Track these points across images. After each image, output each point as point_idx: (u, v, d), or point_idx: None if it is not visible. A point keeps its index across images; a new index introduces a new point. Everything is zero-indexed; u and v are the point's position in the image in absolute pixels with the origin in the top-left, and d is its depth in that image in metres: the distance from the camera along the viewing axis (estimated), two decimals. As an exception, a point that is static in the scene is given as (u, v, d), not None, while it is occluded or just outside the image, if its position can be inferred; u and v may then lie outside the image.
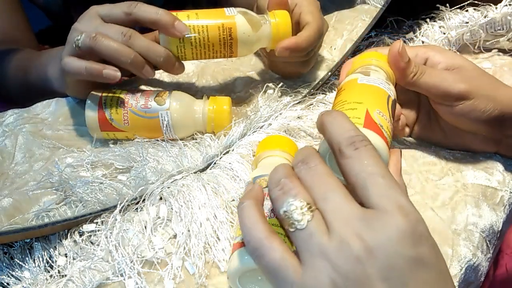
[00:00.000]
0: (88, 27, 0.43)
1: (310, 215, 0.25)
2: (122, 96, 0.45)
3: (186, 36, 0.43)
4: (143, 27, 0.44)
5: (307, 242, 0.25)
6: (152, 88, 0.53)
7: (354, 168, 0.26)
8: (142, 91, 0.46)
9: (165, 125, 0.44)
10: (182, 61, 0.46)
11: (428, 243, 0.24)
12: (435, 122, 0.44)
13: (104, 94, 0.45)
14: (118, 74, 0.42)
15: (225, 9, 0.45)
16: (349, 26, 0.62)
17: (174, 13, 0.44)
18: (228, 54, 0.46)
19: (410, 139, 0.47)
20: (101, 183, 0.42)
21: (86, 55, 0.42)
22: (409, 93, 0.43)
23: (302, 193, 0.26)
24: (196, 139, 0.47)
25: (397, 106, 0.40)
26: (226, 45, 0.45)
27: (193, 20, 0.44)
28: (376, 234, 0.24)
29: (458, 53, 0.58)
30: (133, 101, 0.44)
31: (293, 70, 0.53)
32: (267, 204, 0.33)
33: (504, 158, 0.44)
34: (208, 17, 0.44)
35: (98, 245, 0.37)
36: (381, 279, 0.23)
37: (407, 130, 0.45)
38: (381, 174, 0.25)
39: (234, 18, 0.44)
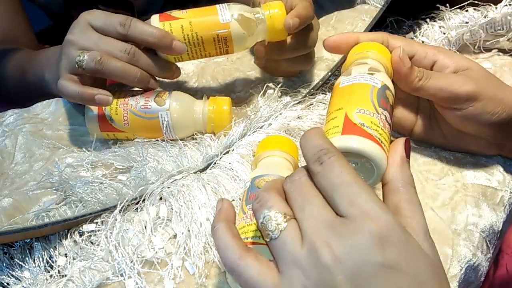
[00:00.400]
0: (85, 41, 0.42)
1: (284, 225, 0.26)
2: (122, 96, 0.45)
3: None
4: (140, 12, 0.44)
5: (280, 251, 0.25)
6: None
7: (322, 182, 0.26)
8: (142, 91, 0.46)
9: (165, 126, 0.44)
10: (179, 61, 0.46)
11: (399, 247, 0.24)
12: (435, 126, 0.43)
13: None
14: (110, 99, 0.42)
15: (218, 11, 0.44)
16: (349, 26, 0.62)
17: (168, 22, 0.43)
18: (225, 53, 0.46)
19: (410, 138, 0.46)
20: (101, 183, 0.42)
21: (88, 75, 0.43)
22: (408, 95, 0.43)
23: (278, 204, 0.27)
24: (196, 139, 0.47)
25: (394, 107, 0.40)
26: (222, 49, 0.45)
27: (187, 32, 0.43)
28: (344, 241, 0.24)
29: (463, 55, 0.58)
30: (133, 101, 0.45)
31: (296, 67, 0.53)
32: None
33: (504, 157, 0.44)
34: (203, 27, 0.44)
35: (98, 245, 0.37)
36: (350, 286, 0.23)
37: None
38: (346, 184, 0.25)
39: (229, 25, 0.44)
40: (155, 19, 0.44)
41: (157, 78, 0.46)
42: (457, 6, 0.57)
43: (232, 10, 0.44)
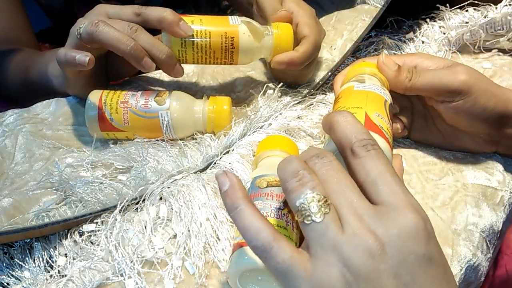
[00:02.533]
0: (95, 17, 0.43)
1: (328, 209, 0.25)
2: (122, 95, 0.45)
3: (188, 40, 0.44)
4: (150, 30, 0.44)
5: (321, 236, 0.25)
6: (152, 88, 0.53)
7: (366, 166, 0.26)
8: (142, 91, 0.46)
9: (165, 125, 0.44)
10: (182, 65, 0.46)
11: (435, 242, 0.25)
12: (432, 125, 0.44)
13: (104, 94, 0.45)
14: (87, 59, 0.41)
15: (229, 17, 0.46)
16: (349, 26, 0.62)
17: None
18: (229, 61, 0.46)
19: (410, 139, 0.46)
20: (101, 183, 0.42)
21: (87, 45, 0.42)
22: (401, 99, 0.43)
23: (319, 186, 0.26)
24: (196, 139, 0.47)
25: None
26: (228, 53, 0.45)
27: (197, 26, 0.44)
28: (388, 229, 0.24)
29: (459, 55, 0.58)
30: (133, 101, 0.44)
31: (291, 80, 0.53)
32: (262, 203, 0.33)
33: (504, 157, 0.44)
34: (212, 24, 0.44)
35: (98, 245, 0.37)
36: (392, 275, 0.23)
37: (406, 131, 0.45)
38: (391, 173, 0.26)
39: (238, 27, 0.44)
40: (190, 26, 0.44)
41: (156, 78, 0.46)
42: (457, 6, 0.57)
43: (242, 18, 0.46)
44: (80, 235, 0.38)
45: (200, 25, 0.44)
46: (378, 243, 0.24)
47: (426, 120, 0.44)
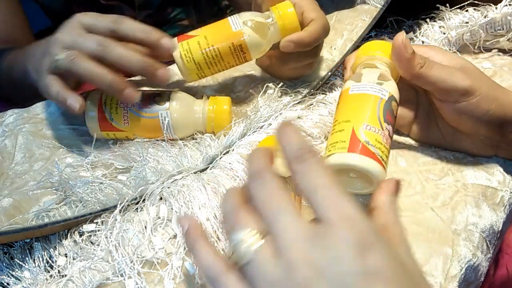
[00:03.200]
0: (69, 37, 0.41)
1: (258, 245, 0.24)
2: None
3: (201, 62, 0.45)
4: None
5: (255, 275, 0.24)
6: (152, 88, 0.53)
7: (302, 182, 0.25)
8: (143, 90, 0.46)
9: (165, 125, 0.44)
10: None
11: (379, 254, 0.23)
12: (433, 123, 0.43)
13: (104, 94, 0.45)
14: (77, 106, 0.40)
15: (230, 21, 0.46)
16: (349, 26, 0.62)
17: (185, 41, 0.45)
18: (243, 61, 0.47)
19: (410, 139, 0.46)
20: (101, 183, 0.42)
21: (69, 76, 0.42)
22: (407, 92, 0.43)
23: (252, 223, 0.25)
24: (196, 139, 0.47)
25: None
26: (240, 57, 0.46)
27: (204, 48, 0.44)
28: (323, 253, 0.23)
29: (459, 55, 0.58)
30: None
31: (297, 73, 0.53)
32: None
33: (503, 159, 0.44)
34: (217, 38, 0.45)
35: (98, 245, 0.37)
36: None
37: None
38: (327, 185, 0.24)
39: (242, 34, 0.45)
40: (174, 41, 0.45)
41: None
42: (457, 6, 0.57)
43: (243, 18, 0.46)
44: (80, 235, 0.38)
45: (207, 45, 0.44)
46: (314, 270, 0.22)
47: (428, 117, 0.44)
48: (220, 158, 0.44)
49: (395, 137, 0.46)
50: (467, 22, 0.56)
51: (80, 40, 0.41)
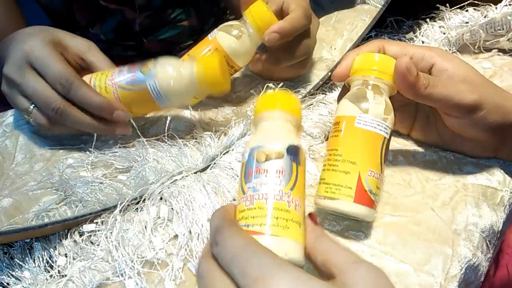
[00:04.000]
0: (24, 85, 0.42)
1: None
2: (109, 74, 0.44)
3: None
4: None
5: None
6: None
7: (222, 264, 0.26)
8: (129, 65, 0.44)
9: (155, 94, 0.42)
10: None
11: None
12: (433, 127, 0.43)
13: (93, 77, 0.44)
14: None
15: (209, 37, 0.48)
16: (349, 26, 0.62)
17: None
18: (234, 71, 0.48)
19: (410, 140, 0.47)
20: (101, 183, 0.42)
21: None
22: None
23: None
24: (196, 139, 0.47)
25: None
26: (229, 69, 0.47)
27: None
28: None
29: (459, 55, 0.58)
30: (120, 77, 0.43)
31: (291, 73, 0.53)
32: (260, 181, 0.30)
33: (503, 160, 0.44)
34: (198, 52, 0.47)
35: (98, 245, 0.37)
36: None
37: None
38: (237, 254, 0.25)
39: (216, 38, 0.47)
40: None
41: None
42: (457, 6, 0.57)
43: (218, 27, 0.48)
44: (80, 235, 0.38)
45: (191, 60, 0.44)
46: None
47: (428, 119, 0.44)
48: (220, 158, 0.44)
49: (395, 138, 0.46)
50: (467, 22, 0.56)
51: (37, 96, 0.42)
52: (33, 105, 0.43)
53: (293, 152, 0.31)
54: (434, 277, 0.34)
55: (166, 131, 0.45)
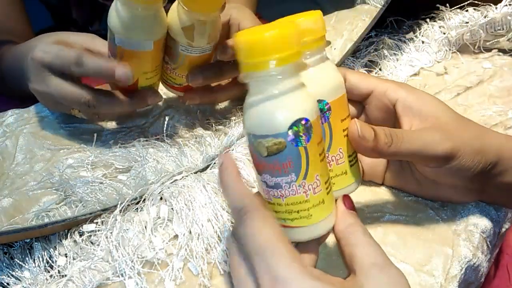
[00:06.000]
0: (48, 93, 0.43)
1: None
2: None
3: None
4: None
5: None
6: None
7: (243, 250, 0.26)
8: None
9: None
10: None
11: None
12: (408, 172, 0.39)
13: None
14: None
15: None
16: (349, 26, 0.62)
17: None
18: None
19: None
20: (101, 183, 0.42)
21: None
22: None
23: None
24: (196, 138, 0.47)
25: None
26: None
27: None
28: None
29: (459, 55, 0.58)
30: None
31: (237, 90, 0.51)
32: (272, 178, 0.28)
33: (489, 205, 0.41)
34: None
35: (98, 245, 0.37)
36: None
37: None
38: (257, 250, 0.25)
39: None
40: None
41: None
42: (457, 6, 0.57)
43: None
44: (80, 235, 0.38)
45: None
46: None
47: (401, 165, 0.39)
48: (220, 158, 0.44)
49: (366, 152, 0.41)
50: (467, 22, 0.56)
51: (65, 98, 0.43)
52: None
53: (297, 132, 0.26)
54: (435, 277, 0.34)
55: (166, 131, 0.45)
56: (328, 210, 0.29)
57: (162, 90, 0.49)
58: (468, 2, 0.56)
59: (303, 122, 0.26)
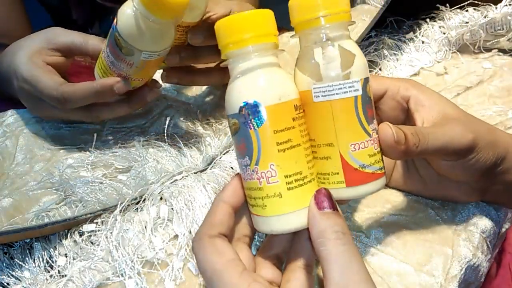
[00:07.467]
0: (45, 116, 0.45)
1: None
2: (103, 58, 0.43)
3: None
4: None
5: None
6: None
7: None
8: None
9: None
10: None
11: None
12: (413, 171, 0.39)
13: (95, 68, 0.44)
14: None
15: None
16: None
17: None
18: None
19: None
20: (101, 183, 0.42)
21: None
22: None
23: None
24: (196, 138, 0.47)
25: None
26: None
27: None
28: None
29: (459, 55, 0.58)
30: (108, 56, 0.42)
31: (215, 78, 0.50)
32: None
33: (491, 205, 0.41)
34: None
35: (98, 245, 0.37)
36: None
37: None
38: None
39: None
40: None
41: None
42: (457, 6, 0.57)
43: None
44: (80, 235, 0.38)
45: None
46: None
47: (407, 165, 0.40)
48: (220, 158, 0.44)
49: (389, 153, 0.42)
50: (467, 22, 0.56)
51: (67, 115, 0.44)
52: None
53: (246, 114, 0.26)
54: (435, 277, 0.34)
55: (166, 131, 0.45)
56: (289, 209, 0.27)
57: (162, 90, 0.49)
58: (468, 2, 0.56)
59: (252, 104, 0.26)
